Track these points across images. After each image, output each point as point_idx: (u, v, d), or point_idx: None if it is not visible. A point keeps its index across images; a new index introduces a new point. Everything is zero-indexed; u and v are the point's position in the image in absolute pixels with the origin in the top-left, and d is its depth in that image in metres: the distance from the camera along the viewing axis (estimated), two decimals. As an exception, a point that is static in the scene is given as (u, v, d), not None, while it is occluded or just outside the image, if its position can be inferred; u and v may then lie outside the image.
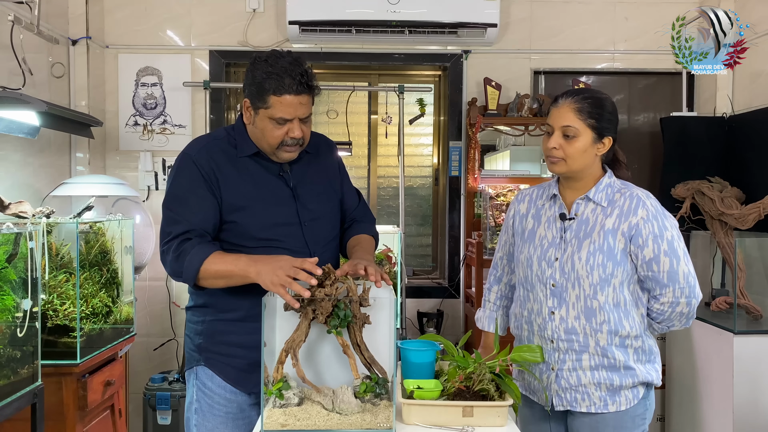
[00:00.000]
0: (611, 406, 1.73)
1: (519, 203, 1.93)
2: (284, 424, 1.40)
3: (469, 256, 3.55)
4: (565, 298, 1.75)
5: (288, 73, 1.62)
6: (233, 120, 3.86)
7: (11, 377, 1.91)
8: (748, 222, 2.93)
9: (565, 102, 1.76)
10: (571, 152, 1.73)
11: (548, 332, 1.77)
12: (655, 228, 1.69)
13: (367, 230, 1.91)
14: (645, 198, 1.74)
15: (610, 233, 1.71)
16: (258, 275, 1.52)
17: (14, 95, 2.36)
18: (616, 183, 1.79)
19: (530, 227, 1.86)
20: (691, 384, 3.05)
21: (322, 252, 1.77)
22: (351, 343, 1.50)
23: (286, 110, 1.65)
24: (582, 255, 1.72)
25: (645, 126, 3.83)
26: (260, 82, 1.64)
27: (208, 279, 1.62)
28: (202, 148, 1.75)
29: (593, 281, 1.71)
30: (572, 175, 1.78)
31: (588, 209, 1.77)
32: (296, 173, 1.81)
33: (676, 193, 3.22)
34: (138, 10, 3.61)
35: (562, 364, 1.75)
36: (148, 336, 3.56)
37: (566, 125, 1.73)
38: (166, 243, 1.68)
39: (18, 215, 2.29)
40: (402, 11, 3.40)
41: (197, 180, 1.69)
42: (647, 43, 3.67)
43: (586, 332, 1.72)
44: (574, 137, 1.72)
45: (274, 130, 1.67)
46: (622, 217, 1.72)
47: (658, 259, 1.69)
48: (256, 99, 1.67)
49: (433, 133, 3.98)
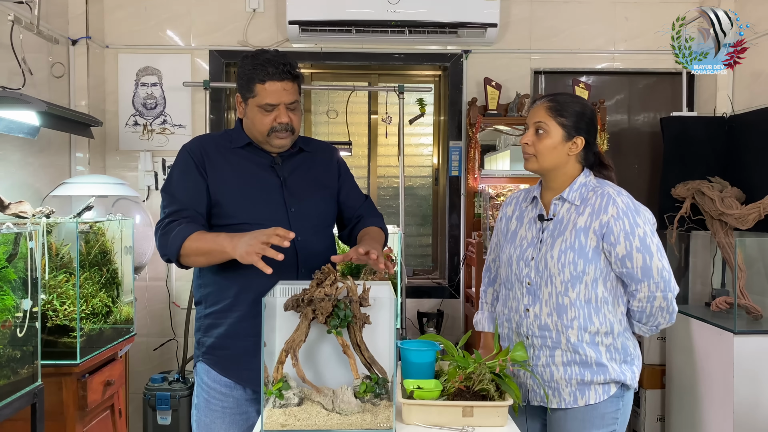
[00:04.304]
0: (580, 400, 1.76)
1: (507, 206, 2.00)
2: (284, 424, 1.40)
3: (469, 256, 3.55)
4: (539, 296, 1.79)
5: (271, 63, 1.74)
6: (233, 120, 3.87)
7: (11, 377, 1.91)
8: (748, 222, 2.93)
9: (541, 101, 1.82)
10: (540, 148, 1.79)
11: (524, 329, 1.82)
12: (626, 225, 1.71)
13: (375, 223, 1.94)
14: (616, 195, 1.75)
15: (582, 231, 1.74)
16: (234, 249, 1.58)
17: (14, 95, 2.36)
18: (591, 182, 1.82)
19: (513, 228, 1.93)
20: (691, 384, 3.05)
21: (308, 240, 1.79)
22: (351, 343, 1.50)
23: (271, 96, 1.74)
24: (554, 253, 1.76)
25: (645, 126, 3.84)
26: (247, 74, 1.76)
27: (190, 256, 1.70)
28: (196, 140, 1.91)
29: (564, 278, 1.74)
30: (544, 172, 1.83)
31: (563, 209, 1.81)
32: (288, 166, 1.87)
33: (676, 193, 3.22)
34: (138, 10, 3.61)
35: (536, 360, 1.80)
36: (148, 336, 3.56)
37: (537, 121, 1.80)
38: (158, 223, 1.77)
39: (18, 215, 2.29)
40: (402, 11, 3.40)
41: (189, 165, 1.80)
42: (647, 43, 3.67)
43: (558, 329, 1.76)
44: (544, 133, 1.78)
45: (263, 118, 1.77)
46: (593, 215, 1.75)
47: (631, 256, 1.71)
48: (245, 90, 1.78)
49: (433, 133, 3.98)
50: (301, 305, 1.48)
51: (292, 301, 1.49)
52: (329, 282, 1.51)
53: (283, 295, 1.53)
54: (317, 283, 1.51)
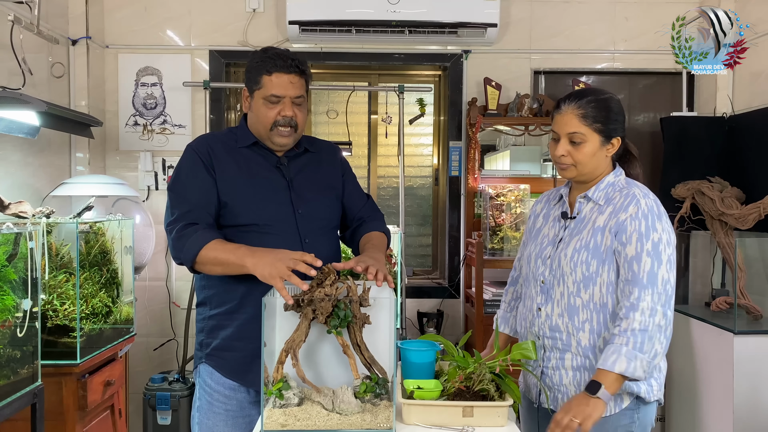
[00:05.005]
0: None
1: (537, 204, 1.94)
2: (284, 424, 1.40)
3: (469, 256, 3.55)
4: (551, 295, 1.74)
5: (279, 56, 1.75)
6: (233, 120, 3.87)
7: (11, 377, 1.91)
8: (748, 222, 2.93)
9: (569, 107, 1.71)
10: (580, 158, 1.71)
11: (536, 328, 1.77)
12: (642, 226, 1.62)
13: (377, 227, 1.92)
14: (641, 197, 1.68)
15: (599, 231, 1.68)
16: (255, 266, 1.54)
17: (14, 95, 2.36)
18: (620, 182, 1.76)
19: (539, 226, 1.88)
20: (691, 384, 3.05)
21: (315, 242, 1.78)
22: (351, 343, 1.50)
23: (277, 87, 1.74)
24: (568, 251, 1.71)
25: (645, 126, 3.84)
26: (255, 66, 1.77)
27: (206, 264, 1.66)
28: (201, 139, 1.87)
29: (576, 278, 1.68)
30: (583, 178, 1.76)
31: (587, 208, 1.76)
32: (294, 167, 1.86)
33: (676, 193, 3.22)
34: (138, 10, 3.61)
35: (547, 362, 1.75)
36: (148, 336, 3.56)
37: (572, 132, 1.70)
38: (170, 224, 1.73)
39: (18, 215, 2.28)
40: (402, 11, 3.40)
41: (196, 164, 1.77)
42: (647, 43, 3.67)
43: (568, 330, 1.70)
44: (582, 143, 1.70)
45: (268, 111, 1.76)
46: (613, 214, 1.68)
47: (640, 258, 1.61)
48: (252, 83, 1.78)
49: (433, 133, 3.98)
50: (301, 305, 1.48)
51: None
52: (329, 282, 1.51)
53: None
54: (317, 283, 1.51)
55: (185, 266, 1.70)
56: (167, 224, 1.74)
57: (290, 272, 1.48)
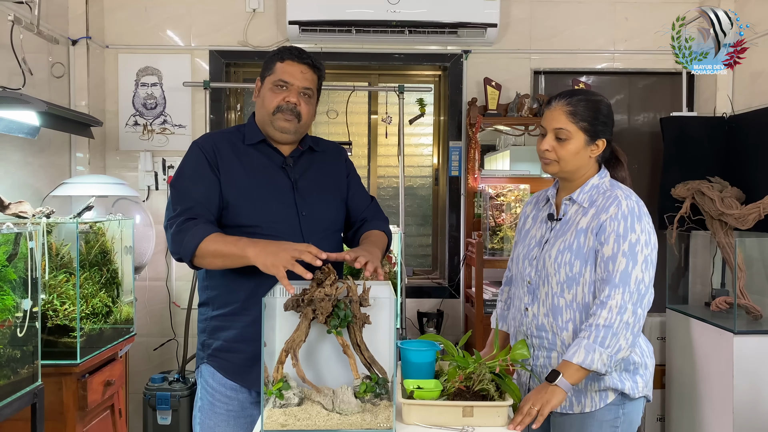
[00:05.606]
0: (576, 407, 1.72)
1: (527, 205, 1.98)
2: (284, 424, 1.40)
3: (469, 256, 3.55)
4: (537, 295, 1.78)
5: (296, 48, 1.81)
6: (233, 120, 3.87)
7: (11, 377, 1.91)
8: (748, 222, 2.93)
9: (558, 104, 1.76)
10: (563, 154, 1.75)
11: (524, 328, 1.81)
12: (620, 227, 1.65)
13: (378, 227, 1.91)
14: (623, 198, 1.70)
15: (582, 232, 1.72)
16: (257, 256, 1.54)
17: (14, 95, 2.36)
18: (604, 184, 1.78)
19: (527, 227, 1.92)
20: (691, 384, 3.05)
21: (317, 244, 1.76)
22: (351, 343, 1.50)
23: (287, 74, 1.77)
24: (552, 253, 1.74)
25: (645, 126, 3.84)
26: (271, 56, 1.81)
27: (206, 257, 1.65)
28: (208, 136, 1.87)
29: (560, 279, 1.72)
30: (565, 175, 1.80)
31: (572, 209, 1.79)
32: (299, 167, 1.85)
33: (676, 193, 3.22)
34: (138, 10, 3.61)
35: (536, 360, 1.78)
36: (148, 336, 3.56)
37: (558, 127, 1.74)
38: (170, 219, 1.72)
39: (18, 215, 2.28)
40: (402, 11, 3.40)
41: (201, 161, 1.77)
42: (647, 43, 3.67)
43: (553, 330, 1.74)
44: (567, 140, 1.74)
45: (273, 96, 1.77)
46: (596, 215, 1.71)
47: (615, 258, 1.64)
48: (265, 70, 1.82)
49: (433, 133, 3.98)
50: (301, 305, 1.48)
51: (292, 301, 1.49)
52: (329, 282, 1.51)
53: (283, 295, 1.53)
54: (317, 283, 1.51)
55: (184, 261, 1.68)
56: (167, 220, 1.73)
57: (294, 261, 1.48)
